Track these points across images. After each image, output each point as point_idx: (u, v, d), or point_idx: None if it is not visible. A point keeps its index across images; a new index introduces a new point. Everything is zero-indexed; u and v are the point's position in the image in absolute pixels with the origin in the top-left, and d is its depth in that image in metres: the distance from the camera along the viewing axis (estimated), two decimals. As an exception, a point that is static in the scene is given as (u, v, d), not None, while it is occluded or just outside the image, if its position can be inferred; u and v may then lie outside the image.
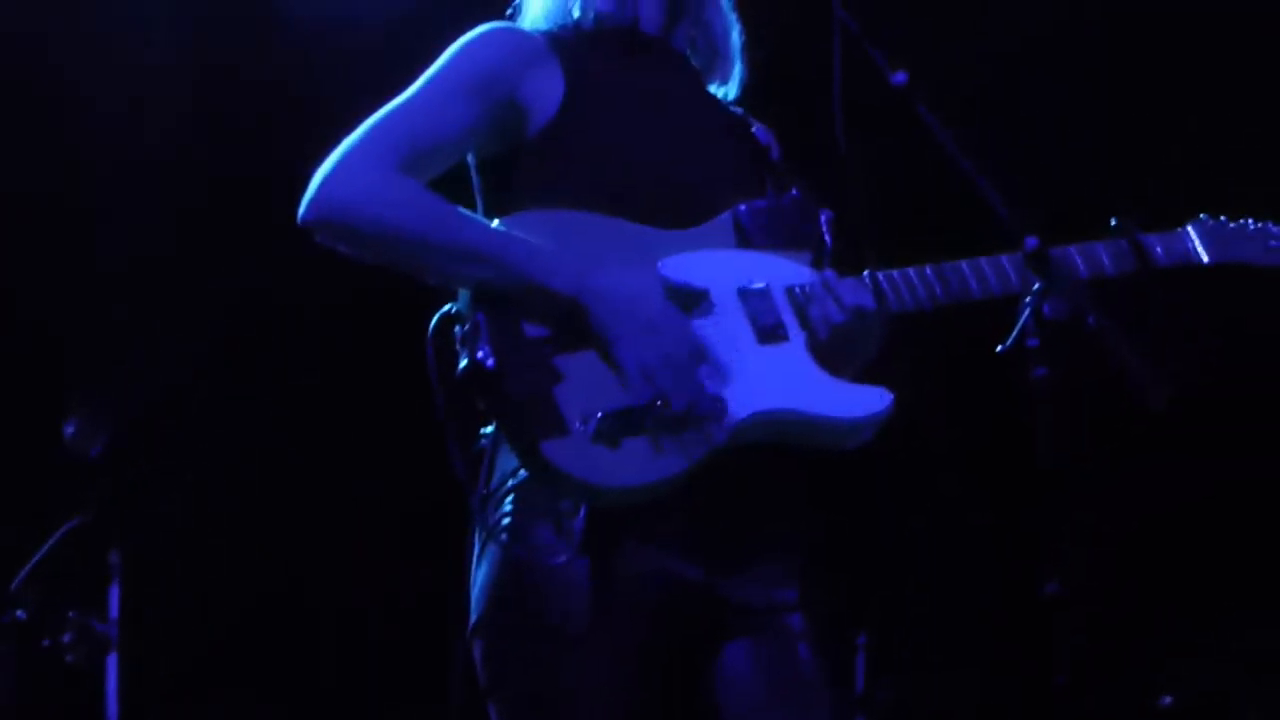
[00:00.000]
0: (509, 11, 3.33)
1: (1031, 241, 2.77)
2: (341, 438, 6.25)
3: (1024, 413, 2.68)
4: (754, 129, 3.37)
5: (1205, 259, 3.36)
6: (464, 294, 2.94)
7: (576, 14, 3.22)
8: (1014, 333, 2.71)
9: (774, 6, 3.36)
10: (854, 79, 2.94)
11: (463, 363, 2.84)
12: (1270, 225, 3.47)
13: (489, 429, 2.95)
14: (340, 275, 3.60)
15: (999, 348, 2.74)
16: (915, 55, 2.91)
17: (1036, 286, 2.72)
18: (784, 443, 3.00)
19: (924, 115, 2.86)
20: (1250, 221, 3.45)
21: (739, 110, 3.39)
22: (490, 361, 2.81)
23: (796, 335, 3.03)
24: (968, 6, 5.98)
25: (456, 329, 2.91)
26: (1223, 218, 3.43)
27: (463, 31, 3.15)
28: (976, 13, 5.94)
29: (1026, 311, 2.71)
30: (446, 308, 2.93)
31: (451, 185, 3.07)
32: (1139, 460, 5.88)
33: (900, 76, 2.88)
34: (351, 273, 3.21)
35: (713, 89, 3.36)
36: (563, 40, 3.17)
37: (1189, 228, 3.40)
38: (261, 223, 3.51)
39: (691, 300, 2.97)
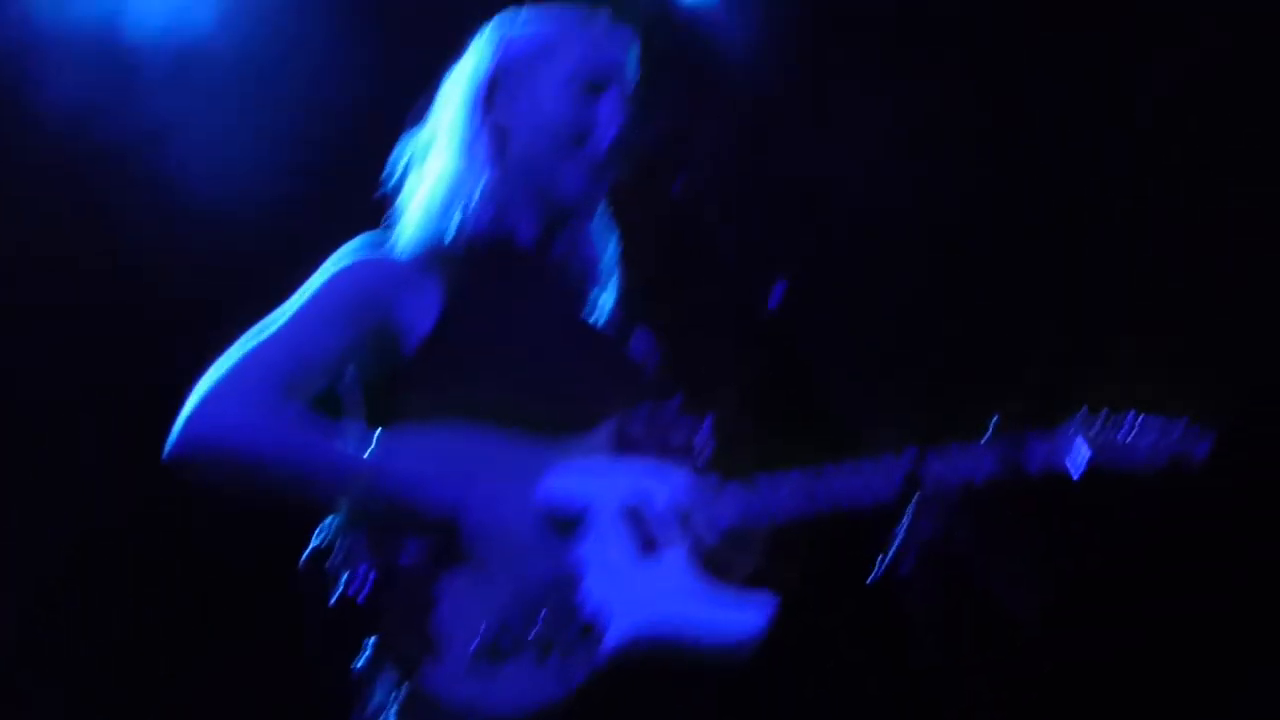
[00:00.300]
0: (384, 223, 3.32)
1: (909, 454, 2.80)
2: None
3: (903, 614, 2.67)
4: (634, 335, 3.39)
5: (1081, 465, 3.38)
6: (339, 518, 2.91)
7: (452, 233, 3.22)
8: (891, 546, 2.71)
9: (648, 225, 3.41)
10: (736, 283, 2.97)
11: (339, 589, 2.81)
12: (1152, 420, 3.47)
13: (365, 654, 2.90)
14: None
15: (877, 564, 2.74)
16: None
17: (914, 500, 2.74)
18: (671, 655, 2.97)
19: (798, 328, 2.90)
20: (1130, 418, 3.47)
21: (619, 317, 3.42)
22: (367, 588, 2.79)
23: (678, 548, 3.02)
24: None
25: (332, 554, 2.87)
26: (1103, 412, 3.44)
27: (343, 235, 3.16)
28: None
29: (903, 525, 2.72)
30: (318, 541, 2.90)
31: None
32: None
33: (772, 289, 2.91)
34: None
35: (591, 298, 3.39)
36: (438, 258, 3.18)
37: (1068, 429, 3.40)
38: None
39: (571, 517, 2.96)
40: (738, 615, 2.99)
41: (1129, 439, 3.45)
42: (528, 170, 3.25)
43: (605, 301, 3.40)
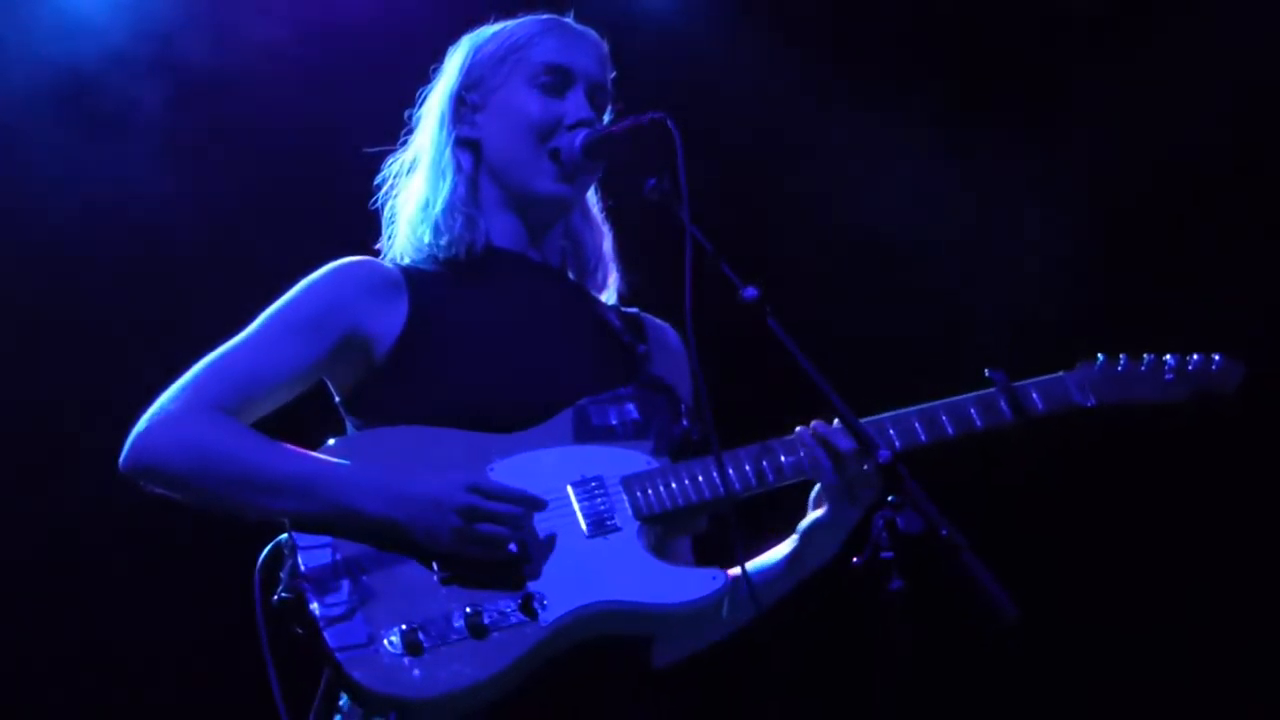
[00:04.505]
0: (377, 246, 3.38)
1: (884, 454, 2.77)
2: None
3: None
4: (641, 326, 3.40)
5: (1091, 403, 3.26)
6: (288, 522, 2.94)
7: (428, 239, 3.26)
8: (869, 545, 2.69)
9: (632, 222, 3.41)
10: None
11: (280, 590, 2.86)
12: (1167, 358, 3.34)
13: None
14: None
15: (855, 560, 2.71)
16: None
17: (890, 499, 2.71)
18: (625, 636, 3.01)
19: (774, 328, 2.88)
20: (1146, 357, 3.33)
21: (628, 310, 3.42)
22: (303, 585, 2.83)
23: (629, 525, 3.04)
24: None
25: (279, 560, 2.92)
26: (1122, 357, 3.31)
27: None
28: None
29: (880, 524, 2.69)
30: (280, 538, 2.94)
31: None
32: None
33: (751, 291, 2.91)
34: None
35: (588, 293, 3.39)
36: (416, 268, 3.24)
37: (1071, 372, 3.29)
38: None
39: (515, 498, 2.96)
40: (685, 589, 3.00)
41: (1138, 381, 3.31)
42: (503, 175, 3.29)
43: (608, 294, 3.42)
